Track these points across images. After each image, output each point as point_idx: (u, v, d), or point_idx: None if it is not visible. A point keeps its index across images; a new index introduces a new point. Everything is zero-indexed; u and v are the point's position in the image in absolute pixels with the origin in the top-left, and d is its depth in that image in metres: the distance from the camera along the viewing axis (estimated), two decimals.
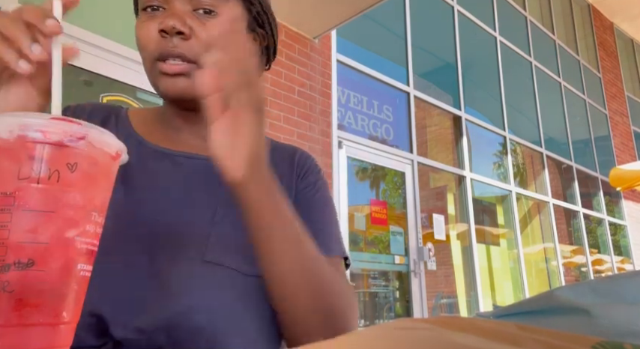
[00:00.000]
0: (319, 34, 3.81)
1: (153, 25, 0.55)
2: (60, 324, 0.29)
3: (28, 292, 0.28)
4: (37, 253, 0.29)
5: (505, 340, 0.22)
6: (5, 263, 0.28)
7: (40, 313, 0.28)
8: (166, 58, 0.55)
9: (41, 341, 0.28)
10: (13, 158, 0.29)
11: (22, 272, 0.28)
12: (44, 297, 0.29)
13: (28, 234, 0.29)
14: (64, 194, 0.30)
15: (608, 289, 0.35)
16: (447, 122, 5.44)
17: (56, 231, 0.30)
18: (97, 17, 2.53)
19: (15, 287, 0.28)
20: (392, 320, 0.25)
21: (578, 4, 9.05)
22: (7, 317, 0.27)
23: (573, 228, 7.26)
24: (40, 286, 0.29)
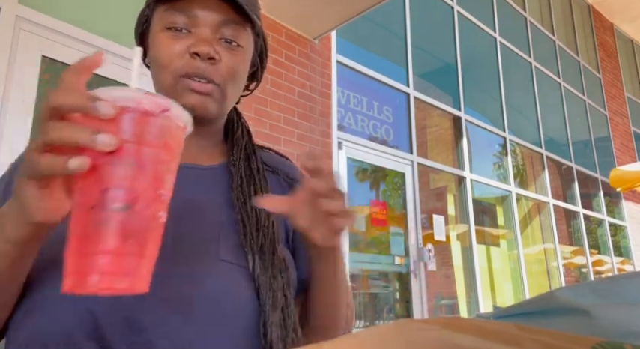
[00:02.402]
0: (319, 35, 3.81)
1: (179, 45, 0.60)
2: (145, 257, 0.38)
3: (131, 229, 0.36)
4: (136, 199, 0.37)
5: (505, 340, 0.22)
6: (121, 204, 0.36)
7: (135, 246, 0.37)
8: (194, 76, 0.59)
9: (132, 268, 0.37)
10: (117, 123, 0.37)
11: (127, 213, 0.36)
12: (139, 235, 0.37)
13: (132, 183, 0.37)
14: (154, 154, 0.38)
15: (608, 290, 0.35)
16: (447, 123, 5.44)
17: (149, 183, 0.38)
18: (97, 18, 2.53)
19: (125, 224, 0.36)
20: (392, 321, 0.25)
21: (578, 4, 9.05)
22: (118, 246, 0.36)
23: (573, 229, 7.25)
24: (137, 225, 0.37)
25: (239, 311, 0.54)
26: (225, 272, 0.55)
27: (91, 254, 0.36)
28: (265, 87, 3.41)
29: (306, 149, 3.55)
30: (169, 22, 0.60)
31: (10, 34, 2.26)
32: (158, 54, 0.60)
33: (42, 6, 2.39)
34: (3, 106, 2.20)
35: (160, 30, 0.61)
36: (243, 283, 0.56)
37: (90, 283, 0.35)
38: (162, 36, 0.61)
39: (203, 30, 0.61)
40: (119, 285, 0.36)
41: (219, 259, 0.56)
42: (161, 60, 0.60)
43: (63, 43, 2.44)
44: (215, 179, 0.64)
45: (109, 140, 0.35)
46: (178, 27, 0.60)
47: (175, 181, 0.58)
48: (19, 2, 2.32)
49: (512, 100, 6.43)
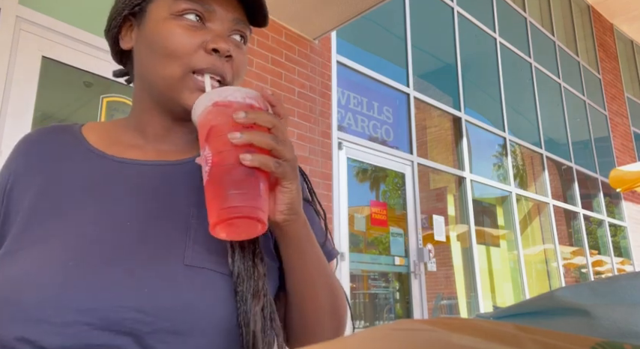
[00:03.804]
0: (319, 36, 3.82)
1: (194, 38, 0.57)
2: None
3: (231, 177, 0.48)
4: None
5: (505, 341, 0.22)
6: (229, 162, 0.48)
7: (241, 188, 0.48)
8: (207, 72, 0.58)
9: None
10: (226, 111, 0.49)
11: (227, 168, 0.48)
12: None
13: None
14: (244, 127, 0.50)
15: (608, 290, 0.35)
16: (447, 123, 5.44)
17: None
18: (97, 18, 2.54)
19: (230, 175, 0.48)
20: (392, 322, 0.25)
21: (578, 5, 9.06)
22: (241, 186, 0.47)
23: (573, 229, 7.25)
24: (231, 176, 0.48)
25: (213, 317, 0.51)
26: (188, 279, 0.52)
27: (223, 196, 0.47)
28: (265, 87, 3.41)
29: (306, 149, 3.56)
30: (182, 10, 0.58)
31: (10, 35, 2.26)
32: (167, 43, 0.57)
33: (42, 6, 2.40)
34: (3, 106, 2.20)
35: (168, 17, 0.58)
36: (210, 289, 0.52)
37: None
38: (173, 24, 0.57)
39: (220, 25, 0.59)
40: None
41: (184, 264, 0.52)
42: (171, 50, 0.57)
43: (63, 43, 2.44)
44: (190, 174, 0.62)
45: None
46: (193, 17, 0.58)
47: (139, 180, 0.59)
48: (19, 2, 2.32)
49: (512, 101, 6.43)
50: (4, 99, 2.21)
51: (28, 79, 2.30)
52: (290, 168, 0.51)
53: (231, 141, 0.47)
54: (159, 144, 0.64)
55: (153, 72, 0.59)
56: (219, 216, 0.46)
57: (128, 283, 0.50)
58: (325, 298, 0.61)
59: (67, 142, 0.63)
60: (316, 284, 0.60)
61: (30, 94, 2.30)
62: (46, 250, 0.51)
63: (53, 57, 2.40)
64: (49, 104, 2.41)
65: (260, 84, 3.36)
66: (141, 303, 0.49)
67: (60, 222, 0.54)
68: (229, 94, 0.50)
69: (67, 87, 2.52)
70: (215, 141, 0.49)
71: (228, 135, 0.47)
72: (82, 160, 0.61)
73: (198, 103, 0.51)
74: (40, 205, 0.56)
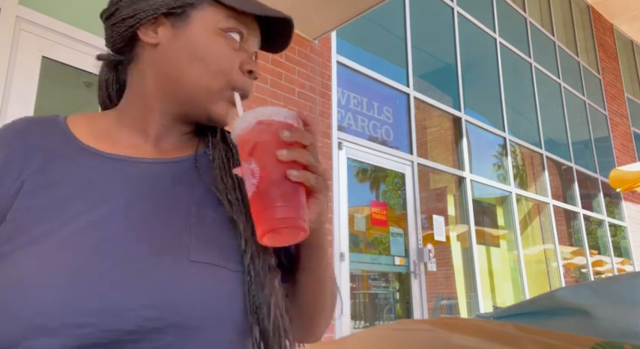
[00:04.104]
0: (319, 36, 3.82)
1: (236, 57, 0.62)
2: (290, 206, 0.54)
3: (279, 190, 0.52)
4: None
5: (505, 341, 0.22)
6: (277, 177, 0.52)
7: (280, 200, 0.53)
8: (240, 91, 0.63)
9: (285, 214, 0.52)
10: (269, 129, 0.54)
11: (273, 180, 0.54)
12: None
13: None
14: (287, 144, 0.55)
15: (608, 290, 0.35)
16: (447, 123, 5.44)
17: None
18: (97, 19, 2.53)
19: (279, 187, 0.52)
20: (392, 322, 0.25)
21: (578, 5, 9.06)
22: (287, 199, 0.52)
23: (573, 229, 7.25)
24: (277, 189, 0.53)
25: (221, 310, 0.53)
26: (196, 275, 0.53)
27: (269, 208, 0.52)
28: (265, 87, 3.41)
29: None
30: (230, 29, 0.62)
31: (10, 35, 2.26)
32: (215, 57, 0.61)
33: (42, 6, 2.40)
34: (3, 106, 2.20)
35: (216, 32, 0.61)
36: (218, 283, 0.54)
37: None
38: (222, 41, 0.61)
39: (251, 47, 0.65)
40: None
41: (190, 260, 0.53)
42: (217, 65, 0.61)
43: (63, 43, 2.44)
44: (188, 171, 0.62)
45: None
46: (237, 37, 0.62)
47: (137, 178, 0.60)
48: (20, 3, 2.32)
49: (512, 101, 6.43)
50: (4, 99, 2.21)
51: (28, 79, 2.30)
52: (323, 181, 0.56)
53: (278, 158, 0.53)
54: (157, 142, 0.64)
55: (191, 78, 0.60)
56: (270, 227, 0.52)
57: (137, 281, 0.50)
58: (328, 300, 0.66)
59: (56, 137, 0.60)
60: (326, 286, 0.65)
61: (30, 94, 2.30)
62: (48, 251, 0.50)
63: (53, 57, 2.40)
64: (49, 104, 2.41)
65: (260, 84, 3.36)
66: (151, 300, 0.49)
67: (59, 222, 0.53)
68: (272, 114, 0.55)
69: (67, 87, 2.52)
70: (262, 156, 0.54)
71: (277, 152, 0.53)
72: (76, 157, 0.59)
73: (241, 120, 0.55)
74: (35, 204, 0.54)
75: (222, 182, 0.61)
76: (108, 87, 0.68)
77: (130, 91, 0.65)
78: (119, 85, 0.68)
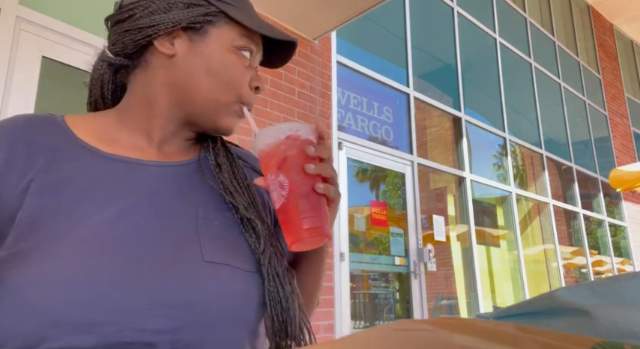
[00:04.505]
0: (319, 36, 3.82)
1: (247, 74, 0.66)
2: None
3: (308, 202, 0.57)
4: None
5: (505, 341, 0.22)
6: (305, 190, 0.57)
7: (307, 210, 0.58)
8: (248, 106, 0.66)
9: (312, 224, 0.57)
10: (295, 144, 0.58)
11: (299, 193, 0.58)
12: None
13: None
14: (309, 159, 0.59)
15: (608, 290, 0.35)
16: (447, 123, 5.44)
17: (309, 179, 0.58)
18: (97, 19, 2.54)
19: (304, 198, 0.57)
20: (392, 322, 0.25)
21: (578, 5, 9.06)
22: (314, 210, 0.57)
23: (573, 230, 7.26)
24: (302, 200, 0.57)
25: (237, 310, 0.55)
26: (212, 275, 0.55)
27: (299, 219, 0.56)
28: (265, 87, 3.40)
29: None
30: (243, 47, 0.65)
31: (10, 35, 2.26)
32: (228, 73, 0.64)
33: (42, 6, 2.40)
34: (3, 106, 2.20)
35: (231, 49, 0.64)
36: (233, 284, 0.56)
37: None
38: (235, 58, 0.64)
39: (256, 63, 0.69)
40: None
41: (205, 261, 0.55)
42: (230, 80, 0.64)
43: (63, 43, 2.44)
44: (192, 174, 0.65)
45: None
46: (247, 55, 0.66)
47: (144, 180, 0.61)
48: (20, 3, 2.32)
49: (512, 101, 6.44)
50: (4, 99, 2.21)
51: (28, 79, 2.30)
52: (338, 192, 0.61)
53: (306, 171, 0.57)
54: (162, 146, 0.65)
55: (203, 90, 0.63)
56: (300, 236, 0.56)
57: (156, 281, 0.51)
58: (318, 295, 0.73)
59: (57, 136, 0.60)
60: (318, 285, 0.72)
61: (30, 94, 2.30)
62: (65, 250, 0.50)
63: (53, 57, 2.40)
64: (49, 104, 2.41)
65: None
66: (171, 300, 0.51)
67: (71, 222, 0.53)
68: (297, 129, 0.59)
69: (67, 87, 2.52)
70: (291, 170, 0.58)
71: (306, 166, 0.57)
72: (80, 157, 0.59)
73: (267, 135, 0.59)
74: (45, 203, 0.54)
75: (232, 185, 0.64)
76: (103, 87, 0.68)
77: (134, 95, 0.65)
78: (114, 86, 0.68)
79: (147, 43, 0.63)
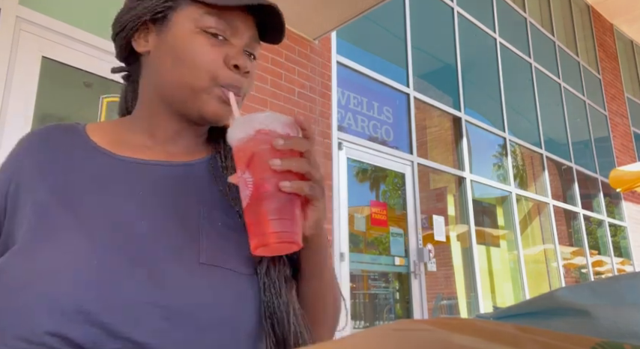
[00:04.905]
0: (319, 36, 3.82)
1: (218, 52, 0.61)
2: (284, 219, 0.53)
3: (271, 203, 0.51)
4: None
5: (505, 341, 0.22)
6: (270, 189, 0.51)
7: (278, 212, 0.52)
8: (231, 88, 0.61)
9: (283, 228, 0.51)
10: (267, 139, 0.52)
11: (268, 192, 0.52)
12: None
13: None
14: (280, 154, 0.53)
15: (608, 290, 0.35)
16: (447, 123, 5.44)
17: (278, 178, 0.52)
18: (98, 19, 2.54)
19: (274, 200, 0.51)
20: (392, 322, 0.25)
21: (578, 5, 9.06)
22: (280, 212, 0.51)
23: (573, 230, 7.25)
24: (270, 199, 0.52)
25: (230, 313, 0.54)
26: (204, 277, 0.53)
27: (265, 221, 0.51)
28: (265, 87, 3.41)
29: None
30: (210, 27, 0.61)
31: (10, 35, 2.26)
32: (195, 56, 0.60)
33: (42, 6, 2.40)
34: (3, 106, 2.20)
35: (194, 31, 0.61)
36: (226, 286, 0.54)
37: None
38: (201, 40, 0.61)
39: (240, 42, 0.63)
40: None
41: (200, 263, 0.54)
42: (199, 63, 0.60)
43: (63, 43, 2.44)
44: (199, 175, 0.64)
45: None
46: (218, 34, 0.61)
47: (148, 180, 0.61)
48: (20, 3, 2.32)
49: (512, 101, 6.43)
50: (4, 100, 2.21)
51: (28, 79, 2.30)
52: (320, 188, 0.54)
53: (272, 168, 0.51)
54: (168, 145, 0.66)
55: (175, 80, 0.62)
56: (262, 241, 0.51)
57: (149, 281, 0.51)
58: (330, 306, 0.66)
59: (74, 141, 0.64)
60: (327, 291, 0.65)
61: (30, 94, 2.30)
62: (66, 246, 0.52)
63: (53, 57, 2.40)
64: (49, 104, 2.41)
65: (260, 84, 3.36)
66: (161, 301, 0.50)
67: (74, 220, 0.55)
68: (270, 123, 0.53)
69: (67, 87, 2.52)
70: (257, 167, 0.52)
71: (269, 162, 0.51)
72: (91, 159, 0.62)
73: (239, 128, 0.54)
74: (52, 203, 0.57)
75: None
76: (126, 97, 0.72)
77: (140, 99, 0.68)
78: (134, 94, 0.71)
79: (131, 47, 0.66)
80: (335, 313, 0.67)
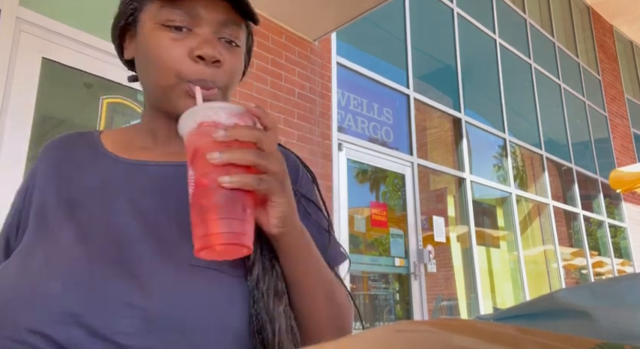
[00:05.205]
0: (319, 37, 3.82)
1: (181, 47, 0.57)
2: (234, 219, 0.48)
3: (213, 201, 0.47)
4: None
5: (505, 342, 0.22)
6: (210, 186, 0.47)
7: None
8: (199, 83, 0.57)
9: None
10: (210, 131, 0.48)
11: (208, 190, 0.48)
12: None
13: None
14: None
15: (608, 291, 0.35)
16: (447, 124, 5.44)
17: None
18: (98, 19, 2.54)
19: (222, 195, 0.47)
20: (392, 323, 0.25)
21: (578, 6, 9.06)
22: (225, 211, 0.46)
23: (573, 230, 7.25)
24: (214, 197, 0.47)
25: (217, 316, 0.52)
26: (194, 279, 0.52)
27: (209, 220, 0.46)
28: (265, 88, 3.41)
29: (306, 151, 3.56)
30: (167, 20, 0.57)
31: (10, 36, 2.26)
32: (156, 53, 0.58)
33: (42, 8, 2.40)
34: (3, 107, 2.20)
35: (154, 27, 0.58)
36: (215, 288, 0.52)
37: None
38: (161, 35, 0.58)
39: (205, 30, 0.58)
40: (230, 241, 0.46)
41: (191, 264, 0.52)
42: (161, 62, 0.57)
43: (63, 44, 2.44)
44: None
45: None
46: (178, 25, 0.57)
47: (145, 181, 0.61)
48: (20, 4, 2.32)
49: (512, 102, 6.43)
50: (5, 101, 2.21)
51: (29, 81, 2.30)
52: (276, 181, 0.49)
53: (210, 162, 0.46)
54: (167, 146, 0.66)
55: (150, 81, 0.61)
56: (205, 243, 0.46)
57: (132, 283, 0.51)
58: (326, 308, 0.59)
59: (85, 147, 0.66)
60: (316, 294, 0.58)
61: (30, 95, 2.30)
62: (59, 248, 0.53)
63: (53, 58, 2.40)
64: (50, 105, 2.41)
65: (260, 85, 3.36)
66: (144, 303, 0.49)
67: (70, 223, 0.56)
68: (213, 113, 0.48)
69: (68, 88, 2.52)
70: (198, 163, 0.48)
71: (207, 156, 0.46)
72: (94, 163, 0.63)
73: (183, 122, 0.50)
74: (53, 206, 0.58)
75: None
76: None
77: (144, 102, 0.70)
78: None
79: (123, 53, 0.67)
80: (334, 321, 0.60)
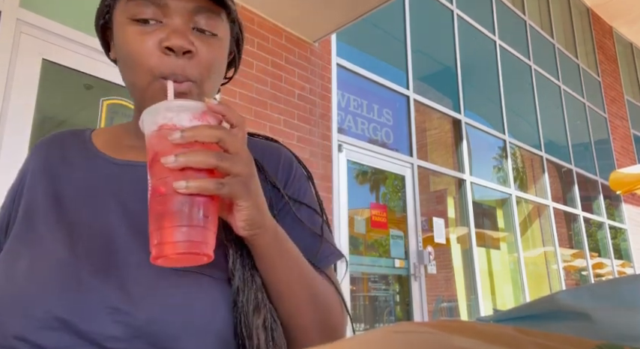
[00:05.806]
0: (319, 38, 3.82)
1: (150, 39, 0.54)
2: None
3: (168, 208, 0.45)
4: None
5: (505, 343, 0.22)
6: (165, 192, 0.44)
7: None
8: (171, 76, 0.54)
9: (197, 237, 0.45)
10: (166, 135, 0.45)
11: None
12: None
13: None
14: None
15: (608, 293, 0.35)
16: (447, 125, 5.45)
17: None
18: None
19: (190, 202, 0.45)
20: (392, 324, 0.25)
21: (578, 8, 9.07)
22: (182, 218, 0.44)
23: (573, 232, 7.25)
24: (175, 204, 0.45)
25: (201, 320, 0.51)
26: (179, 282, 0.51)
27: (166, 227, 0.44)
28: (265, 89, 3.41)
29: (306, 152, 3.56)
30: (135, 13, 0.55)
31: (10, 37, 2.27)
32: (128, 51, 0.55)
33: (42, 9, 2.40)
34: (3, 109, 2.20)
35: (125, 22, 0.56)
36: (199, 292, 0.51)
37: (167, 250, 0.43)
38: (130, 30, 0.55)
39: (175, 20, 0.55)
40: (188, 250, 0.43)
41: (176, 268, 0.51)
42: (133, 59, 0.55)
43: (63, 46, 2.44)
44: None
45: None
46: (146, 18, 0.55)
47: (133, 181, 0.60)
48: (20, 5, 2.33)
49: (512, 103, 6.44)
50: (5, 102, 2.21)
51: (29, 82, 2.30)
52: (240, 184, 0.46)
53: (166, 167, 0.43)
54: None
55: (128, 81, 0.58)
56: (160, 252, 0.44)
57: (117, 288, 0.50)
58: (309, 311, 0.57)
59: (76, 146, 0.65)
60: (297, 298, 0.56)
61: (30, 97, 2.30)
62: (46, 253, 0.53)
63: (53, 59, 2.40)
64: (50, 107, 2.41)
65: (260, 86, 3.36)
66: (127, 308, 0.49)
67: (57, 225, 0.55)
68: (175, 115, 0.45)
69: (68, 89, 2.52)
70: (155, 167, 0.45)
71: (162, 160, 0.43)
72: (85, 162, 0.62)
73: (144, 123, 0.47)
74: (41, 207, 0.57)
75: None
76: None
77: None
78: None
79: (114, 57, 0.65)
80: (322, 325, 0.58)
